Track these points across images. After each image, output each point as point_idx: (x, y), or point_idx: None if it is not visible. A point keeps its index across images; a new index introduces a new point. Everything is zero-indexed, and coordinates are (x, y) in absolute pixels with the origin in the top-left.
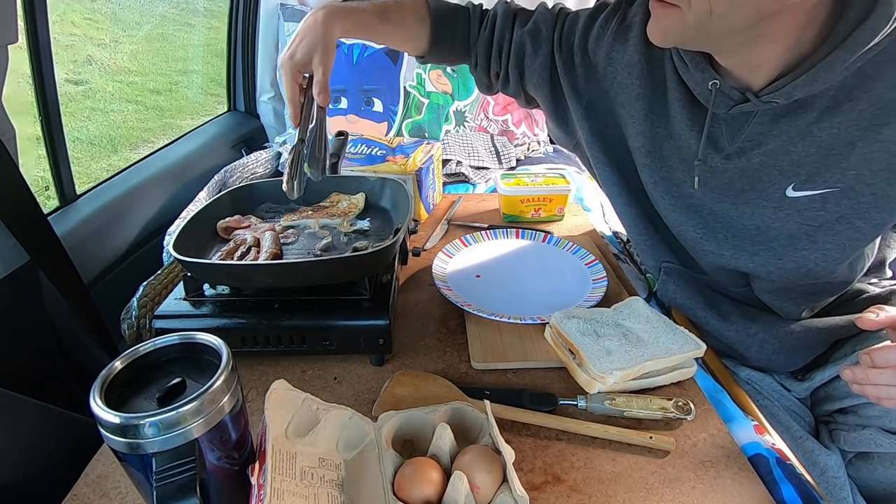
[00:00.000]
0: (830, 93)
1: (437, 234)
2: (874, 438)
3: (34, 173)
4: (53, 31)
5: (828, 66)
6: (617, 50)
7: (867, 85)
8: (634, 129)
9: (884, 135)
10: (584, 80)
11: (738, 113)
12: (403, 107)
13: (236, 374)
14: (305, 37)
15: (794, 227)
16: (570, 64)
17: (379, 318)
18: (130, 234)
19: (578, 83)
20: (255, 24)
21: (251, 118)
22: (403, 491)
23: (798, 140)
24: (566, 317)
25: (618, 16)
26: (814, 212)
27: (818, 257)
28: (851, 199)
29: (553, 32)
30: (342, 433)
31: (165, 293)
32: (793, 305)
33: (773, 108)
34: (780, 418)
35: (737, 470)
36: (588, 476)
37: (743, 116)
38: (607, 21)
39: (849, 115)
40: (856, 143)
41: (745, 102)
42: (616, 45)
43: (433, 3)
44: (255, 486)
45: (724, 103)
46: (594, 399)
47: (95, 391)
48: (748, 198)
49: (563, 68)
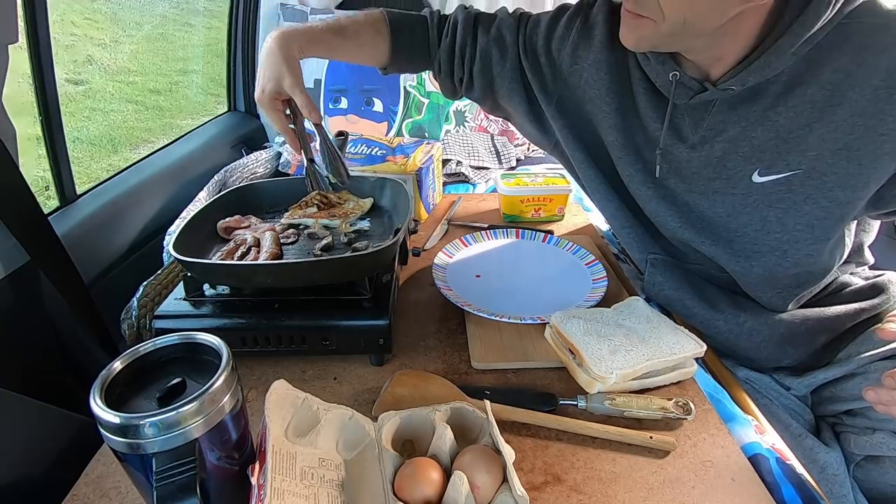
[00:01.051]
0: (783, 78)
1: (437, 234)
2: (886, 442)
3: (34, 173)
4: (53, 31)
5: (777, 51)
6: (582, 48)
7: (815, 70)
8: (606, 123)
9: (838, 115)
10: (552, 80)
11: (699, 102)
12: (403, 107)
13: (236, 374)
14: (267, 67)
15: (764, 211)
16: (537, 65)
17: (379, 318)
18: (130, 234)
19: (546, 83)
20: (255, 24)
21: (251, 118)
22: (403, 491)
23: (757, 125)
24: (566, 317)
25: (580, 17)
26: (781, 195)
27: (790, 239)
28: (815, 179)
29: (517, 37)
30: (342, 433)
31: (165, 293)
32: (778, 298)
33: (731, 96)
34: (779, 417)
35: (737, 470)
36: (588, 476)
37: (703, 106)
38: (570, 22)
39: (802, 98)
40: (812, 126)
41: (703, 92)
42: (581, 42)
43: (390, 15)
44: (255, 486)
45: (684, 93)
46: (594, 399)
47: (95, 391)
48: (716, 186)
49: (530, 70)
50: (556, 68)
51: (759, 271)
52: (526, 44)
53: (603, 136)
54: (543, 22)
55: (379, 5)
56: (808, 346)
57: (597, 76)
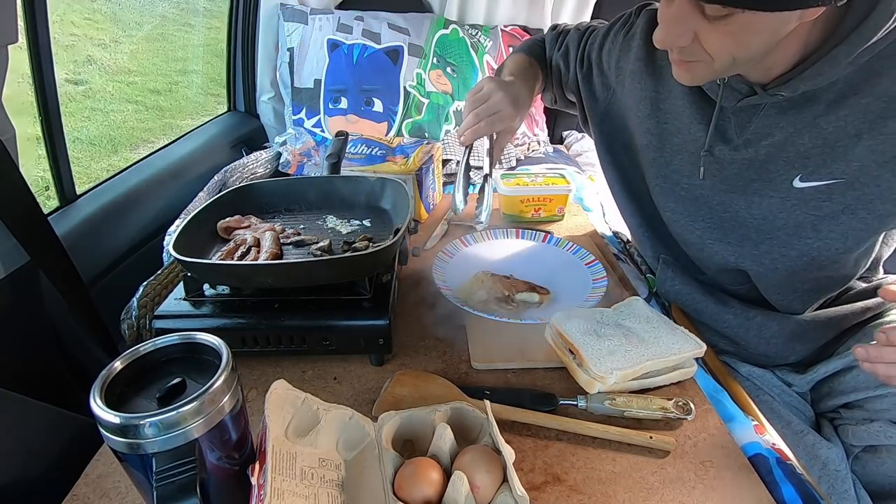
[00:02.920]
0: (837, 87)
1: (437, 234)
2: (884, 431)
3: (34, 173)
4: (53, 31)
5: (832, 61)
6: (622, 60)
7: (873, 80)
8: (641, 127)
9: (889, 127)
10: (601, 90)
11: (746, 105)
12: (403, 107)
13: (236, 374)
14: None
15: (800, 216)
16: (589, 76)
17: (379, 318)
18: (130, 234)
19: (596, 92)
20: (255, 24)
21: (251, 118)
22: (403, 491)
23: (805, 132)
24: (566, 317)
25: (624, 29)
26: (819, 202)
27: (821, 246)
28: (856, 189)
29: (578, 51)
30: (342, 433)
31: (165, 293)
32: (797, 302)
33: (780, 101)
34: (780, 413)
35: (737, 470)
36: (588, 476)
37: (751, 109)
38: (616, 35)
39: (854, 108)
40: (861, 136)
41: (752, 95)
42: (622, 55)
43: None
44: (255, 486)
45: (732, 97)
46: (594, 399)
47: (95, 391)
48: (756, 188)
49: (582, 80)
50: (605, 78)
51: (783, 275)
52: (583, 57)
53: (636, 141)
54: (600, 35)
55: (378, 5)
56: (814, 342)
57: (632, 85)
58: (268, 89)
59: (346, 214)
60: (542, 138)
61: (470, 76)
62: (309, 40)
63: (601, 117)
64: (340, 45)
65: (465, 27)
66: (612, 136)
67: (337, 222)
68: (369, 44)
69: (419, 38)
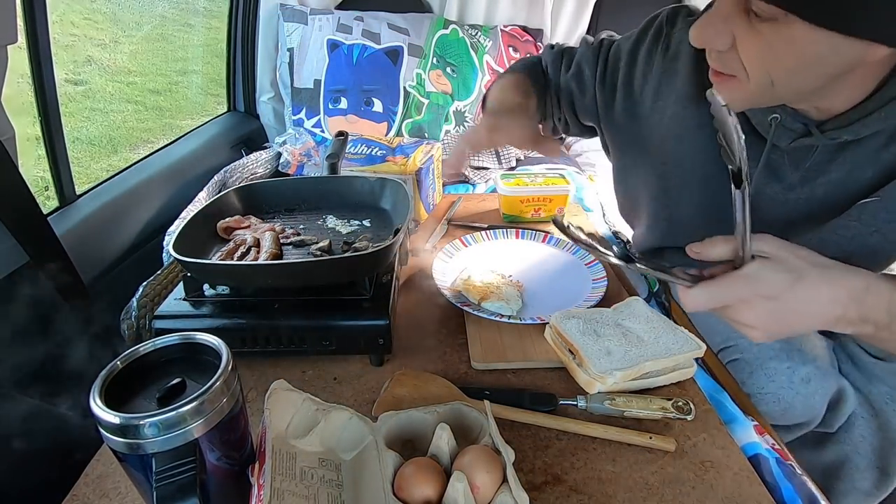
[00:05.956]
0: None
1: (437, 234)
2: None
3: (34, 173)
4: (53, 31)
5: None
6: (665, 84)
7: None
8: (686, 155)
9: None
10: (624, 118)
11: (801, 146)
12: (403, 107)
13: (236, 374)
14: None
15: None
16: (611, 101)
17: (379, 318)
18: (130, 234)
19: (616, 120)
20: (255, 24)
21: (251, 118)
22: (403, 491)
23: (868, 167)
24: (566, 317)
25: (661, 44)
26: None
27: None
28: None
29: (595, 69)
30: (342, 433)
31: (165, 293)
32: None
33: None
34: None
35: (737, 470)
36: (588, 476)
37: (805, 149)
38: (651, 55)
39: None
40: None
41: (807, 136)
42: (664, 78)
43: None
44: (255, 486)
45: (785, 136)
46: (594, 399)
47: (95, 391)
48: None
49: (602, 103)
50: (634, 104)
51: None
52: (605, 77)
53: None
54: (624, 54)
55: (378, 5)
56: None
57: (683, 112)
58: (268, 89)
59: (347, 214)
60: None
61: (470, 76)
62: (309, 40)
63: (623, 144)
64: (340, 45)
65: (465, 27)
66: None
67: (337, 222)
68: (369, 44)
69: (419, 38)
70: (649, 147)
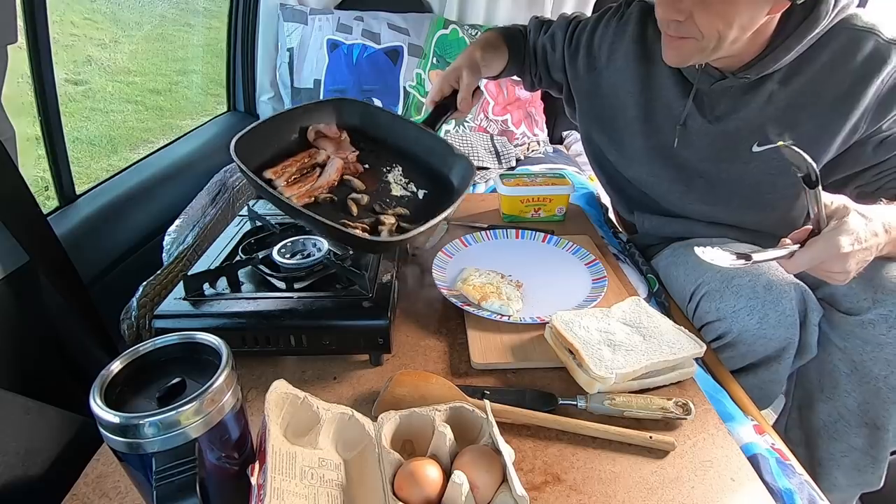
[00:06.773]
0: (783, 70)
1: (438, 233)
2: None
3: (34, 173)
4: (53, 31)
5: (785, 49)
6: (616, 43)
7: (808, 63)
8: (631, 101)
9: (822, 98)
10: (584, 69)
11: (719, 88)
12: (403, 107)
13: (236, 374)
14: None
15: (759, 175)
16: (575, 56)
17: (379, 318)
18: (130, 234)
19: (579, 72)
20: (255, 24)
21: (251, 118)
22: (403, 491)
23: (765, 106)
24: (566, 317)
25: (617, 16)
26: (773, 161)
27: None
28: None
29: (565, 34)
30: (342, 433)
31: (165, 293)
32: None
33: (744, 84)
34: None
35: (737, 470)
36: (588, 476)
37: (721, 91)
38: (609, 21)
39: (798, 84)
40: (806, 106)
41: (723, 79)
42: (616, 39)
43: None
44: (255, 486)
45: (707, 80)
46: (594, 399)
47: (95, 391)
48: (724, 155)
49: (568, 61)
50: (592, 60)
51: (750, 222)
52: (572, 39)
53: (626, 113)
54: (590, 22)
55: (378, 5)
56: None
57: (626, 65)
58: (267, 89)
59: (413, 174)
60: (541, 138)
61: None
62: (309, 40)
63: (585, 94)
64: (340, 45)
65: (465, 27)
66: (596, 112)
67: (397, 178)
68: (369, 44)
69: (419, 38)
70: (603, 93)
